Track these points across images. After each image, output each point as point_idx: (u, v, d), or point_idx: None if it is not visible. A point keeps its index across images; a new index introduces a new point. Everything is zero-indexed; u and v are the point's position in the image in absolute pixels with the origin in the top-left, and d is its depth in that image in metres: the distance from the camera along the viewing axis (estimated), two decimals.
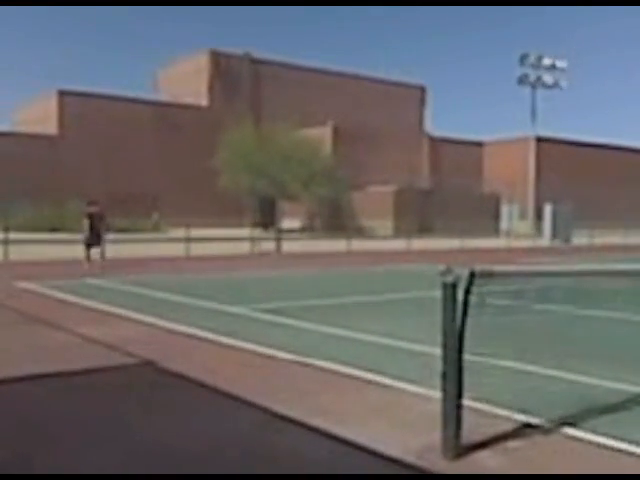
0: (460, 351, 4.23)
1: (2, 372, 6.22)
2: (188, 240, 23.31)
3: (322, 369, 6.41)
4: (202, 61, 65.52)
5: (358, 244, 27.99)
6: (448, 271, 4.23)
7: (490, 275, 4.32)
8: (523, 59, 57.96)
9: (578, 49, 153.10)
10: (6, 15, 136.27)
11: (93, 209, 18.03)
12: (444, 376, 4.24)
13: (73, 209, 40.14)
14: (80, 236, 18.20)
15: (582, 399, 5.13)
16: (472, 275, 4.19)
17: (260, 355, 7.08)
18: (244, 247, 25.92)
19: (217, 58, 65.40)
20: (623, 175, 68.98)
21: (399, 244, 29.95)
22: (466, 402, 4.27)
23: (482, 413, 4.74)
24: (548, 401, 5.08)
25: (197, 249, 23.42)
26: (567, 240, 38.16)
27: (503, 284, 4.45)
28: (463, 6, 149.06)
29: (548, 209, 40.25)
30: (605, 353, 7.01)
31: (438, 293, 4.26)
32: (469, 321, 4.20)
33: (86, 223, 17.57)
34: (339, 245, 27.30)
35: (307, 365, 6.57)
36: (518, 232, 47.99)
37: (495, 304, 4.39)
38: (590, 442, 4.34)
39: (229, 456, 4.17)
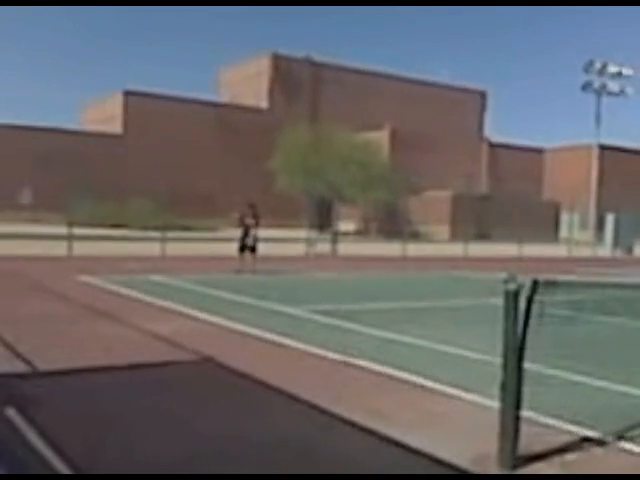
0: (520, 361, 4.22)
1: (74, 364, 6.46)
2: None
3: (378, 373, 6.45)
4: (263, 64, 66.22)
5: (414, 248, 27.85)
6: (511, 279, 4.22)
7: (554, 285, 4.30)
8: (588, 66, 56.64)
9: None
10: (79, 15, 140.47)
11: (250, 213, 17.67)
12: (503, 386, 4.24)
13: (135, 206, 41.19)
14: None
15: None
16: (535, 284, 4.18)
17: (315, 356, 7.17)
18: (300, 248, 26.09)
19: (278, 61, 66.01)
20: None
21: (455, 249, 29.66)
22: (525, 413, 4.26)
23: (540, 424, 4.71)
24: (607, 414, 5.01)
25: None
26: (629, 250, 37.13)
27: (563, 294, 4.42)
28: (527, 6, 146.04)
29: (610, 218, 39.24)
30: None
31: (497, 301, 4.26)
32: (529, 330, 4.18)
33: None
34: (394, 249, 27.22)
35: (362, 368, 6.63)
36: (578, 241, 46.94)
37: (554, 313, 4.36)
38: None
39: (283, 456, 4.25)
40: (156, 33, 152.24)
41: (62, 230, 21.61)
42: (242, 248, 17.17)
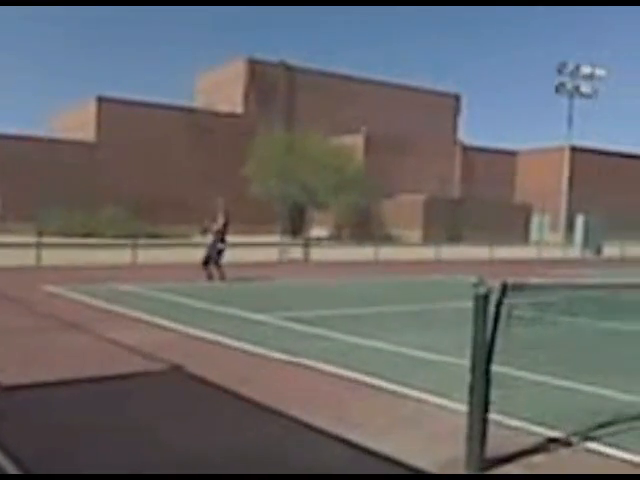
0: (488, 364, 4.21)
1: (39, 377, 6.34)
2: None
3: (349, 379, 6.42)
4: (239, 68, 66.10)
5: (386, 252, 27.90)
6: (480, 283, 4.22)
7: (522, 288, 4.31)
8: (561, 68, 57.56)
9: (616, 56, 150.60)
10: (44, 19, 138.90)
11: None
12: (471, 389, 4.23)
13: (107, 215, 40.79)
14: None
15: (606, 413, 5.08)
16: (504, 288, 4.19)
17: (287, 363, 7.12)
18: (273, 254, 26.01)
19: (253, 65, 65.93)
20: None
21: (428, 252, 29.79)
22: (492, 415, 4.25)
23: (507, 427, 4.72)
24: (572, 415, 5.04)
25: (226, 256, 23.48)
26: (598, 251, 37.62)
27: (530, 296, 4.44)
28: (498, 6, 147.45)
29: (580, 220, 39.76)
30: (629, 366, 6.91)
31: (468, 304, 4.26)
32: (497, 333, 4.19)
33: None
34: (367, 253, 27.26)
35: (332, 374, 6.60)
36: (548, 243, 47.47)
37: (522, 315, 4.37)
38: (612, 457, 4.30)
39: (251, 466, 4.20)
40: (131, 39, 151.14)
41: (31, 240, 21.28)
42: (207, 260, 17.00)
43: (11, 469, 3.96)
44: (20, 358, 7.20)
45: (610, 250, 36.88)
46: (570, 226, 47.16)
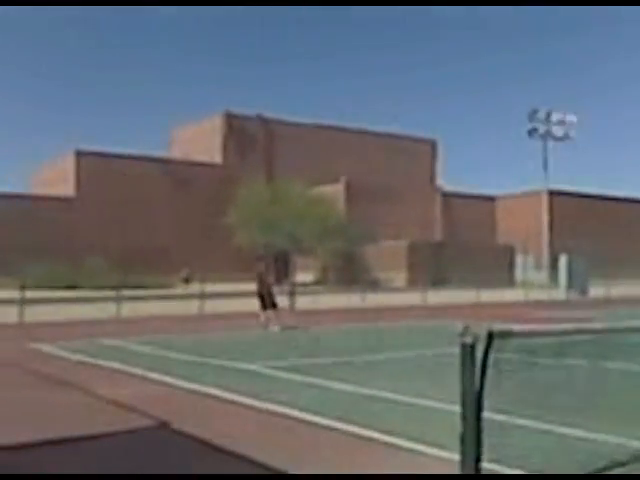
0: (479, 412, 4.18)
1: (25, 437, 6.20)
2: (202, 296, 23.32)
3: (344, 432, 6.34)
4: (216, 122, 66.83)
5: (373, 298, 27.88)
6: (466, 331, 4.21)
7: (509, 335, 4.31)
8: (532, 115, 58.66)
9: (590, 101, 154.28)
10: (18, 77, 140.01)
11: (260, 267, 17.60)
12: (462, 438, 4.19)
13: (89, 266, 40.53)
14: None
15: (606, 459, 5.04)
16: (490, 336, 4.18)
17: (279, 416, 7.03)
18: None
19: (231, 119, 66.73)
20: (636, 227, 69.04)
21: (414, 298, 29.80)
22: (485, 464, 4.20)
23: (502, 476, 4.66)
24: (569, 462, 5.00)
25: (211, 306, 23.40)
26: (583, 292, 37.77)
27: (519, 340, 4.43)
28: (471, 59, 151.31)
29: (563, 260, 39.97)
30: (629, 410, 6.89)
31: (456, 350, 4.25)
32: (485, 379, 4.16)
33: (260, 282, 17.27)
34: (353, 300, 27.21)
35: (325, 427, 6.51)
36: (533, 283, 47.69)
37: (509, 359, 4.36)
38: None
39: None
40: (107, 92, 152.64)
41: (13, 294, 21.06)
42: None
43: None
44: (5, 417, 7.05)
45: (594, 290, 37.09)
46: (554, 265, 47.49)
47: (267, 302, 16.99)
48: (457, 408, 4.20)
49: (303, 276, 47.23)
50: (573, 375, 8.46)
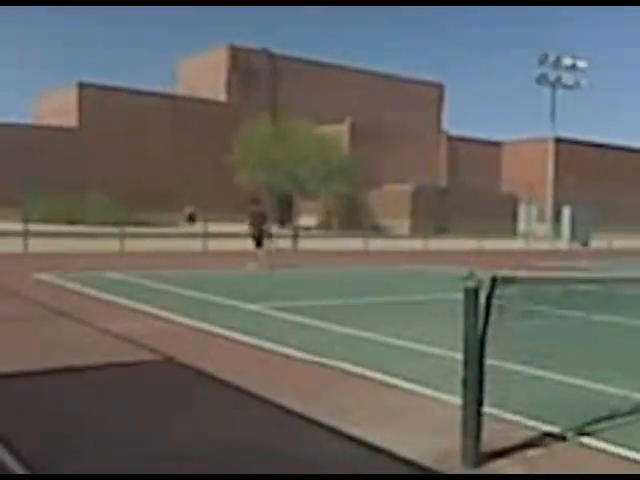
0: (481, 357, 4.21)
1: (32, 365, 6.28)
2: (206, 236, 23.42)
3: (343, 371, 6.41)
4: (221, 56, 65.58)
5: (375, 243, 27.94)
6: (470, 276, 4.21)
7: (512, 281, 4.30)
8: (542, 59, 57.43)
9: (599, 48, 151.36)
10: (26, 8, 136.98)
11: (255, 208, 17.55)
12: (465, 383, 4.23)
13: (93, 201, 40.42)
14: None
15: (601, 407, 5.11)
16: (494, 281, 4.18)
17: (278, 354, 7.10)
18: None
19: (235, 53, 65.43)
20: None
21: (416, 244, 29.87)
22: (486, 409, 4.26)
23: (502, 420, 4.73)
24: (568, 409, 5.06)
25: (213, 245, 23.49)
26: (585, 243, 37.86)
27: (522, 288, 4.44)
28: (484, 5, 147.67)
29: (567, 211, 39.95)
30: (626, 361, 6.97)
31: (459, 296, 4.25)
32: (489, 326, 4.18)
33: (250, 222, 17.36)
34: (355, 244, 27.27)
35: (326, 366, 6.59)
36: (536, 234, 47.69)
37: (513, 308, 4.37)
38: (607, 452, 4.33)
39: (244, 456, 4.18)
40: (112, 23, 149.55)
41: (17, 226, 21.10)
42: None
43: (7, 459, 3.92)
44: (12, 346, 7.14)
45: (597, 242, 37.14)
46: (557, 217, 47.41)
47: (258, 240, 17.12)
48: (450, 353, 4.26)
49: (307, 220, 47.16)
50: (571, 325, 8.53)
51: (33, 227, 21.43)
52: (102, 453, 4.17)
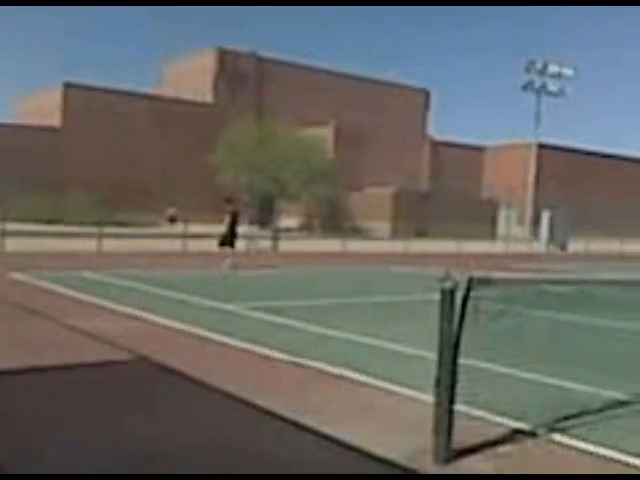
0: (455, 357, 4.23)
1: (1, 364, 6.21)
2: (185, 236, 23.30)
3: (317, 370, 6.41)
4: (208, 58, 65.40)
5: (355, 245, 27.97)
6: (447, 277, 4.24)
7: (487, 282, 4.34)
8: (529, 66, 57.88)
9: (583, 56, 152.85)
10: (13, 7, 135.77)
11: (229, 207, 17.23)
12: (438, 381, 4.24)
13: (73, 201, 40.03)
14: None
15: (569, 405, 5.15)
16: (470, 282, 4.21)
17: (255, 354, 7.08)
18: (241, 244, 25.84)
19: (223, 56, 65.31)
20: (621, 184, 69.40)
21: (396, 246, 29.95)
22: (458, 407, 4.27)
23: (473, 418, 4.75)
24: (538, 407, 5.10)
25: (194, 245, 23.38)
26: (563, 247, 38.21)
27: (497, 289, 4.47)
28: (468, 6, 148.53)
29: (545, 215, 40.29)
30: (595, 360, 7.03)
31: (436, 296, 4.27)
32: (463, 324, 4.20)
33: (227, 222, 17.00)
34: (336, 245, 27.29)
35: (300, 365, 6.58)
36: (515, 237, 48.05)
37: (487, 308, 4.40)
38: (577, 449, 4.36)
39: (215, 457, 4.16)
40: (93, 28, 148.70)
41: None
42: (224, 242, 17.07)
43: None
44: None
45: (575, 246, 37.47)
46: (537, 221, 47.75)
47: (229, 241, 16.99)
48: (423, 352, 4.26)
49: (288, 221, 47.11)
50: (542, 324, 8.59)
51: (11, 226, 21.18)
52: (78, 448, 4.12)
